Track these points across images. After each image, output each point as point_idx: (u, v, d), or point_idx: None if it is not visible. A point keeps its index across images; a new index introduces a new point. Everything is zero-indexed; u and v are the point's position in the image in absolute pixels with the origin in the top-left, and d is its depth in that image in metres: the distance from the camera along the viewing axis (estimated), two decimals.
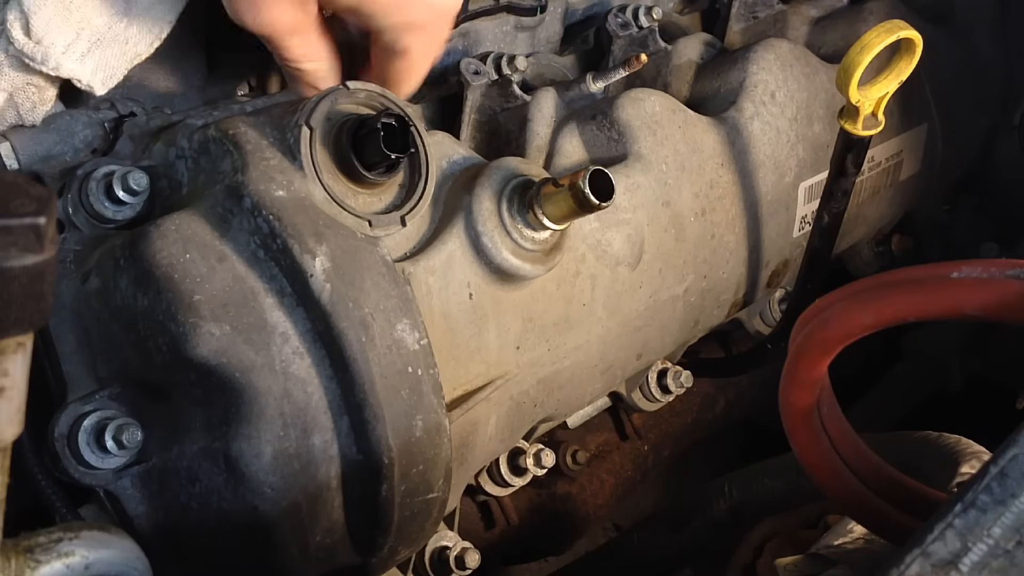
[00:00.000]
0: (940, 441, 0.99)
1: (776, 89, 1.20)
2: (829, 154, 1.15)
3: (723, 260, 1.17)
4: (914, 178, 1.44)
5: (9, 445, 0.54)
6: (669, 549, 1.26)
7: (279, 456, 0.79)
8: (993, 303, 0.65)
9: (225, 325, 0.78)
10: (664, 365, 1.26)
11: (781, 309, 1.36)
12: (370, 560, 0.87)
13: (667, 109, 1.12)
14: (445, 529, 1.07)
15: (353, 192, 0.86)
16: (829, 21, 1.39)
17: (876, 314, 0.69)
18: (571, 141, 1.08)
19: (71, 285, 0.84)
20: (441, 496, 0.87)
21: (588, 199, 0.88)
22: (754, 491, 1.17)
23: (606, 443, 1.43)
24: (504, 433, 1.01)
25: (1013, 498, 0.57)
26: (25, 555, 0.59)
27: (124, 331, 0.82)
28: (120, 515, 0.83)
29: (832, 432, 0.80)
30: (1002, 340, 1.69)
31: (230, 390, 0.79)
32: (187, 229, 0.80)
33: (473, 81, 1.08)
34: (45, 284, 0.49)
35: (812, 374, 0.75)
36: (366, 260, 0.83)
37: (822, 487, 0.82)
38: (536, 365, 0.99)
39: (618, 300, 1.05)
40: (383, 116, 0.83)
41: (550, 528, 1.38)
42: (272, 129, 0.85)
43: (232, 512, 0.80)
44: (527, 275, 0.94)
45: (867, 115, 1.08)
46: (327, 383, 0.81)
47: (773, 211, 1.21)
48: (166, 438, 0.82)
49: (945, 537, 0.56)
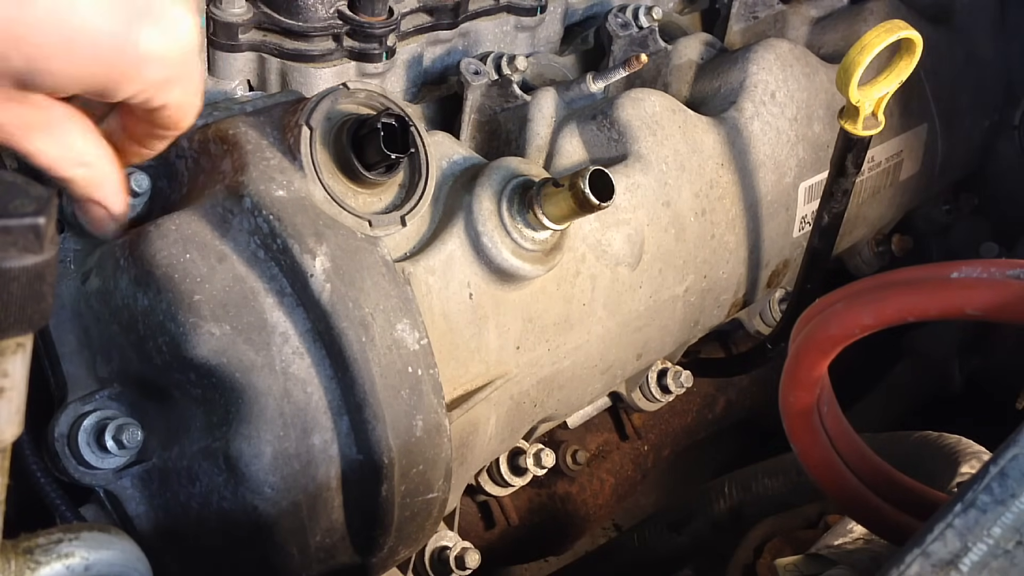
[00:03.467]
0: (940, 441, 0.99)
1: (776, 89, 1.20)
2: (829, 154, 1.15)
3: (723, 260, 1.17)
4: (914, 178, 1.44)
5: (9, 445, 0.54)
6: (669, 549, 1.26)
7: (279, 456, 0.79)
8: (993, 303, 0.65)
9: (225, 325, 0.79)
10: (664, 365, 1.26)
11: (781, 309, 1.36)
12: (370, 560, 0.87)
13: (667, 109, 1.12)
14: (445, 529, 1.07)
15: (353, 192, 0.86)
16: (829, 21, 1.39)
17: (876, 314, 0.69)
18: (571, 141, 1.08)
19: (71, 285, 0.84)
20: (441, 496, 0.87)
21: (588, 199, 0.88)
22: (754, 491, 1.17)
23: (606, 443, 1.43)
24: (504, 433, 1.01)
25: (1013, 498, 0.57)
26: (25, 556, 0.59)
27: (124, 331, 0.82)
28: (120, 515, 0.83)
29: (832, 432, 0.80)
30: (1002, 340, 1.69)
31: (230, 390, 0.79)
32: (187, 229, 0.80)
33: (473, 81, 1.08)
34: (45, 284, 0.49)
35: (812, 374, 0.75)
36: (366, 260, 0.83)
37: (822, 487, 0.82)
38: (536, 365, 0.99)
39: (618, 300, 1.05)
40: (383, 116, 0.83)
41: (550, 528, 1.38)
42: (272, 129, 0.85)
43: (232, 512, 0.80)
44: (527, 275, 0.94)
45: (867, 115, 1.08)
46: (327, 383, 0.81)
47: (773, 211, 1.21)
48: (166, 438, 0.82)
49: (945, 537, 0.56)
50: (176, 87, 0.69)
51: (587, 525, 1.42)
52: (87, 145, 0.70)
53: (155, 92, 0.68)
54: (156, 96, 0.68)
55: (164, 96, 0.68)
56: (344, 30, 0.99)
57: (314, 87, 0.99)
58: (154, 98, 0.68)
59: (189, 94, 0.71)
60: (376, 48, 1.01)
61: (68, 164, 0.70)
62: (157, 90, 0.68)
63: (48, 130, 0.67)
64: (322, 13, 0.98)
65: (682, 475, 1.78)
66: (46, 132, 0.67)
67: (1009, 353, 1.68)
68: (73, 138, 0.69)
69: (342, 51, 1.01)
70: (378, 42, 1.00)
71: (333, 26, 0.99)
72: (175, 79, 0.68)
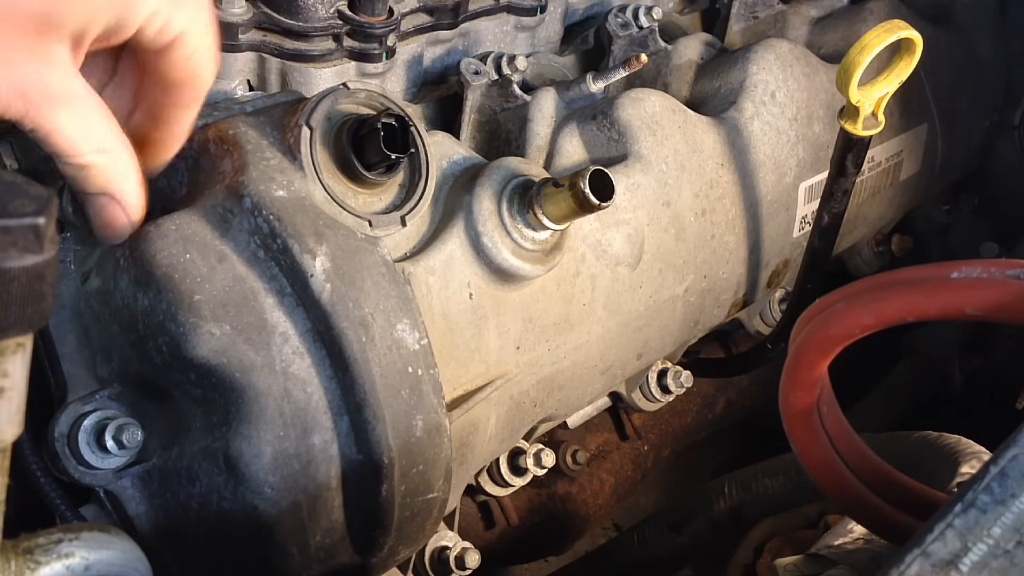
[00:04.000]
0: (940, 441, 0.99)
1: (776, 89, 1.20)
2: (829, 154, 1.15)
3: (723, 260, 1.17)
4: (914, 178, 1.44)
5: (9, 445, 0.54)
6: (669, 549, 1.26)
7: (279, 456, 0.79)
8: (993, 303, 0.65)
9: (225, 325, 0.79)
10: (664, 365, 1.26)
11: (781, 309, 1.36)
12: (370, 560, 0.87)
13: (667, 109, 1.12)
14: (445, 529, 1.07)
15: (353, 192, 0.86)
16: (829, 21, 1.39)
17: (876, 314, 0.69)
18: (571, 141, 1.08)
19: (71, 285, 0.84)
20: (441, 496, 0.87)
21: (588, 199, 0.88)
22: (754, 491, 1.17)
23: (606, 443, 1.43)
24: (504, 433, 1.01)
25: (1013, 498, 0.57)
26: (25, 556, 0.59)
27: (124, 331, 0.82)
28: (120, 515, 0.83)
29: (832, 432, 0.80)
30: (1002, 340, 1.69)
31: (230, 390, 0.79)
32: (187, 229, 0.80)
33: (473, 81, 1.08)
34: (45, 284, 0.49)
35: (812, 374, 0.75)
36: (366, 260, 0.83)
37: (822, 487, 0.82)
38: (536, 365, 0.99)
39: (618, 300, 1.05)
40: (383, 116, 0.83)
41: (550, 528, 1.38)
42: (272, 129, 0.85)
43: (232, 512, 0.80)
44: (527, 275, 0.94)
45: (867, 115, 1.08)
46: (327, 383, 0.81)
47: (773, 211, 1.21)
48: (166, 438, 0.83)
49: (945, 537, 0.56)
50: (189, 6, 0.66)
51: (587, 525, 1.42)
52: (107, 131, 0.67)
53: (169, 11, 0.65)
54: (172, 19, 0.65)
55: (179, 19, 0.66)
56: (344, 30, 0.99)
57: (314, 87, 0.99)
58: (170, 21, 0.65)
59: (206, 25, 0.68)
60: (376, 48, 1.01)
61: (87, 147, 0.66)
62: (171, 8, 0.65)
63: (70, 105, 0.64)
64: (322, 13, 0.98)
65: (682, 475, 1.78)
66: (68, 107, 0.64)
67: (1009, 353, 1.68)
68: (94, 119, 0.66)
69: (342, 51, 1.01)
70: (378, 42, 1.00)
71: (333, 26, 0.99)
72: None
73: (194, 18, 0.67)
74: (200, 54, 0.69)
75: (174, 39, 0.67)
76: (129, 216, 0.73)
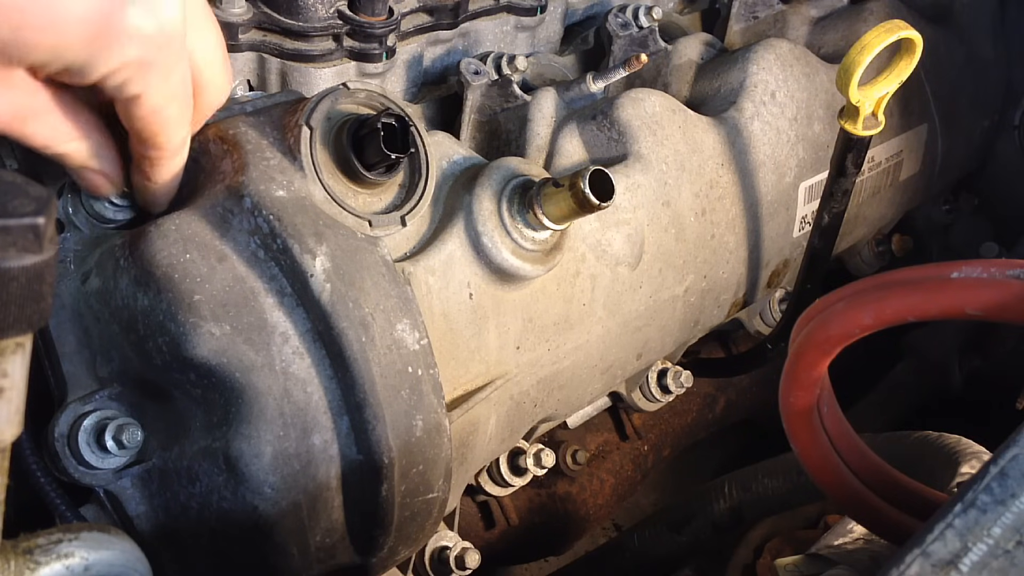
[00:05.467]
0: (940, 441, 0.99)
1: (776, 89, 1.20)
2: (829, 154, 1.15)
3: (723, 260, 1.17)
4: (914, 178, 1.44)
5: (9, 446, 0.54)
6: (669, 549, 1.26)
7: (279, 456, 0.79)
8: (993, 303, 0.65)
9: (225, 325, 0.79)
10: (664, 365, 1.26)
11: (781, 309, 1.36)
12: (370, 560, 0.87)
13: (667, 109, 1.12)
14: (445, 529, 1.07)
15: (353, 192, 0.86)
16: (829, 21, 1.39)
17: (876, 314, 0.69)
18: (571, 141, 1.08)
19: (71, 285, 0.84)
20: (441, 496, 0.87)
21: (588, 199, 0.88)
22: (754, 491, 1.17)
23: (606, 443, 1.43)
24: (504, 433, 1.01)
25: (1013, 498, 0.57)
26: (25, 556, 0.59)
27: (124, 331, 0.82)
28: (120, 515, 0.83)
29: (832, 432, 0.80)
30: (1002, 340, 1.69)
31: (230, 390, 0.79)
32: (187, 229, 0.80)
33: (473, 81, 1.08)
34: (44, 284, 0.49)
35: (812, 374, 0.75)
36: (366, 260, 0.83)
37: (822, 487, 0.82)
38: (536, 365, 0.99)
39: (618, 300, 1.05)
40: (383, 116, 0.83)
41: (550, 528, 1.38)
42: (272, 129, 0.85)
43: (232, 512, 0.80)
44: (527, 275, 0.94)
45: (867, 115, 1.08)
46: (327, 383, 0.81)
47: (773, 211, 1.21)
48: (166, 438, 0.82)
49: (945, 537, 0.56)
50: (153, 74, 0.70)
51: (587, 525, 1.42)
52: (77, 121, 0.74)
53: (131, 73, 0.69)
54: (132, 80, 0.69)
55: (140, 82, 0.70)
56: (344, 30, 0.99)
57: (314, 87, 1.00)
58: (129, 82, 0.69)
59: (167, 95, 0.72)
60: (376, 48, 1.01)
61: (61, 141, 0.74)
62: (133, 71, 0.69)
63: (36, 118, 0.71)
64: (322, 13, 0.98)
65: (682, 475, 1.78)
66: (34, 119, 0.71)
67: (1009, 353, 1.68)
68: (60, 124, 0.73)
69: (342, 51, 1.01)
70: (378, 42, 1.00)
71: (333, 26, 0.99)
72: (151, 63, 0.69)
73: (161, 87, 0.71)
74: (159, 117, 0.74)
75: (133, 97, 0.71)
76: (111, 180, 0.80)
